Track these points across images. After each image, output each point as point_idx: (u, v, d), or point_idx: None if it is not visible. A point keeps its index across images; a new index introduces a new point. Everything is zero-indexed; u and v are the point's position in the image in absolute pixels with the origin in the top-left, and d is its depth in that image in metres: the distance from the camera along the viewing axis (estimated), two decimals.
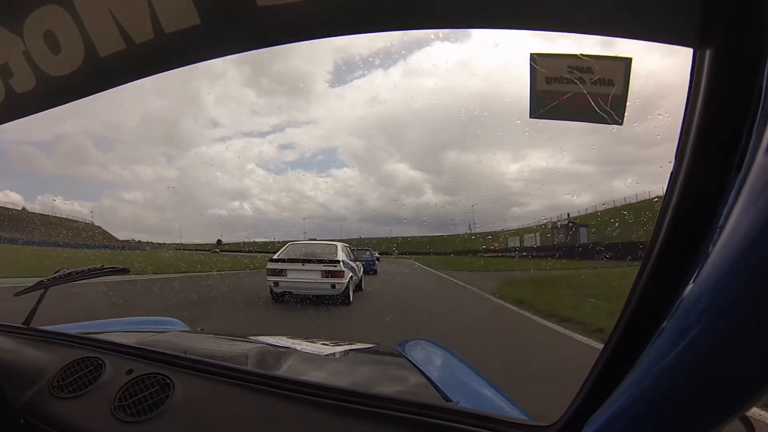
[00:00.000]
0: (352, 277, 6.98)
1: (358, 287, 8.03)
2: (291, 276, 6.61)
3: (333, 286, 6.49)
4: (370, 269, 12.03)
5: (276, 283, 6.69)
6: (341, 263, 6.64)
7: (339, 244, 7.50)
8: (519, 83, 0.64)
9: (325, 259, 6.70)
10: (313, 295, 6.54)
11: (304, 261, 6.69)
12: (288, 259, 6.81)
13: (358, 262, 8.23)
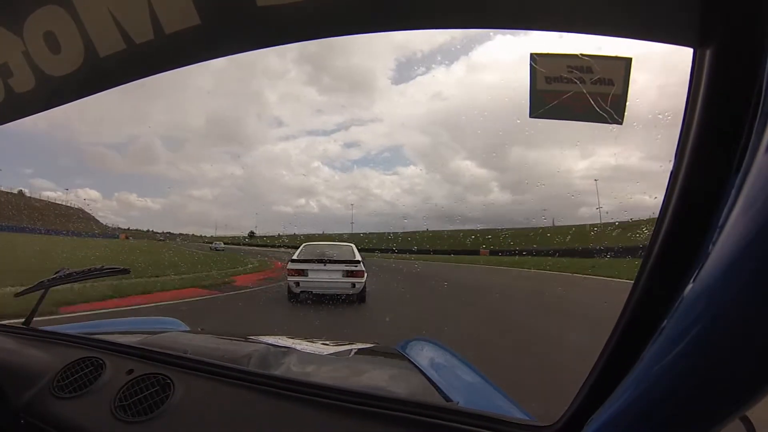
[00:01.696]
0: (366, 277, 7.06)
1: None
2: (312, 276, 6.61)
3: (353, 285, 6.55)
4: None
5: (297, 283, 6.65)
6: (361, 263, 6.71)
7: (353, 245, 7.57)
8: None
9: (346, 259, 6.79)
10: (332, 293, 6.58)
11: (326, 261, 6.66)
12: (310, 260, 6.76)
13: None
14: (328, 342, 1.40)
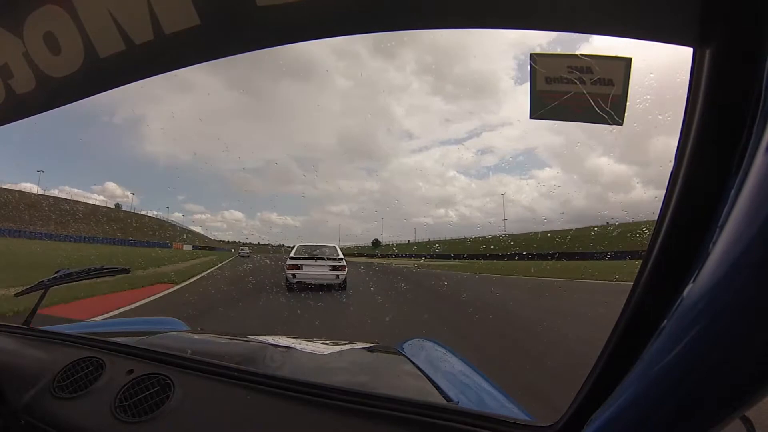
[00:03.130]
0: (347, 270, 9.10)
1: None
2: (306, 270, 8.47)
3: (337, 276, 8.47)
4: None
5: (293, 275, 8.43)
6: (343, 260, 8.61)
7: (337, 245, 9.68)
8: None
9: (332, 257, 8.71)
10: (320, 283, 8.39)
11: (317, 258, 8.60)
12: (304, 257, 8.65)
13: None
14: (328, 342, 1.40)
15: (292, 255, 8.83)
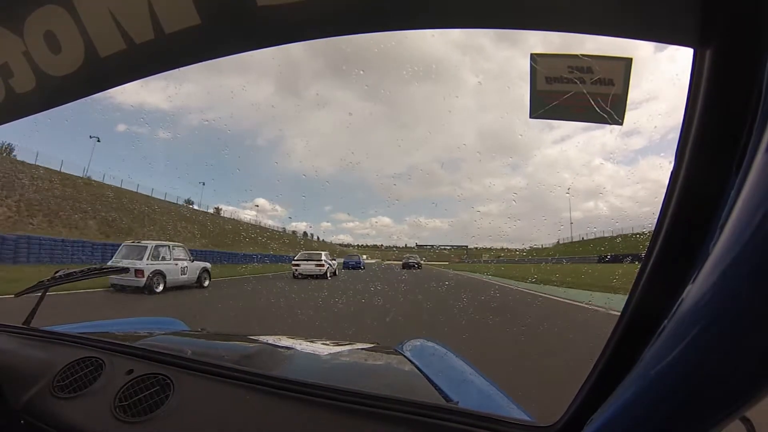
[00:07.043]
0: (329, 267, 15.38)
1: (334, 274, 16.88)
2: (302, 266, 14.94)
3: (320, 270, 14.73)
4: (357, 267, 22.39)
5: (296, 270, 14.78)
6: (323, 261, 15.14)
7: (323, 252, 16.30)
8: None
9: (317, 258, 15.37)
10: (312, 274, 14.51)
11: (307, 260, 15.25)
12: (301, 259, 15.41)
13: (334, 261, 17.21)
14: (328, 342, 1.40)
15: (295, 258, 15.64)
